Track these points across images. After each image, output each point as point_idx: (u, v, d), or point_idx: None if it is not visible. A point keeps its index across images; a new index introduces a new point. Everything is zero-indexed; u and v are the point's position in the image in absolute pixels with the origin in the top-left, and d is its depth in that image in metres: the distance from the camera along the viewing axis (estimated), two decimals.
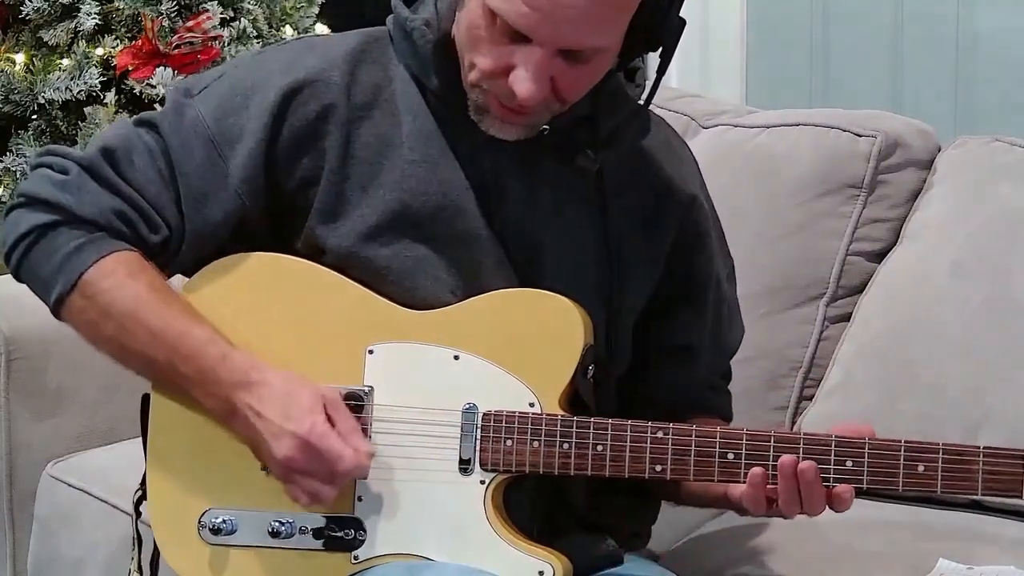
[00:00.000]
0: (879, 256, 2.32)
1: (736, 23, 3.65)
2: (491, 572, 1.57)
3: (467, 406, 1.61)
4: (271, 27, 3.17)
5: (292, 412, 1.56)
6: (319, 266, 1.66)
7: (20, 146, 2.94)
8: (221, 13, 3.01)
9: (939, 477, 1.54)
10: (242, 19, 3.06)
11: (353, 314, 1.64)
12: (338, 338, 1.64)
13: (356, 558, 1.62)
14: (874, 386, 2.16)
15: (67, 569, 2.35)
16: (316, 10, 3.31)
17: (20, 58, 3.01)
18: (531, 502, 1.66)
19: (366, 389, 1.62)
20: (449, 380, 1.61)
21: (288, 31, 3.19)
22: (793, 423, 2.26)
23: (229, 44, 3.02)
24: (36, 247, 1.64)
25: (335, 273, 1.65)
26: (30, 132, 2.97)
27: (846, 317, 2.29)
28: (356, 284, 1.65)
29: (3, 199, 2.93)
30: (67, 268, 1.62)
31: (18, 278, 1.69)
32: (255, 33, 3.09)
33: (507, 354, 1.61)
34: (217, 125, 1.65)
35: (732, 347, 1.87)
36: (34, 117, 2.98)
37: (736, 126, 2.48)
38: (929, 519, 2.06)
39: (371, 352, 1.62)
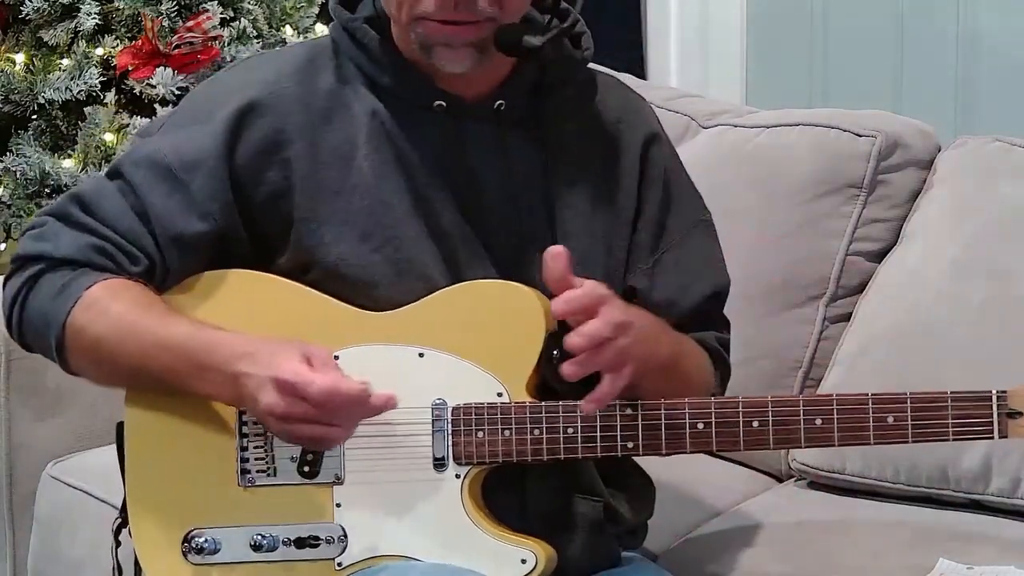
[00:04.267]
0: (879, 256, 2.32)
1: (736, 23, 3.65)
2: (472, 569, 1.58)
3: (436, 402, 1.62)
4: (271, 27, 3.17)
5: (274, 361, 1.54)
6: (278, 278, 1.67)
7: (20, 146, 2.94)
8: (221, 13, 3.00)
9: (909, 426, 1.56)
10: (242, 19, 3.06)
11: (316, 322, 1.65)
12: None
13: (340, 564, 1.63)
14: (874, 386, 2.15)
15: (67, 569, 2.35)
16: (316, 10, 3.30)
17: (20, 58, 3.01)
18: (527, 500, 1.67)
19: None
20: (416, 378, 1.62)
21: (288, 31, 3.19)
22: None
23: (229, 44, 3.01)
24: (27, 304, 1.67)
25: (295, 284, 1.66)
26: (30, 132, 2.96)
27: (846, 317, 2.29)
28: (316, 292, 1.65)
29: (3, 199, 2.93)
30: (56, 311, 1.64)
31: (24, 346, 1.71)
32: (255, 33, 3.08)
33: (471, 347, 1.62)
34: (175, 153, 1.66)
35: (691, 288, 1.78)
36: (34, 117, 2.98)
37: (736, 126, 2.48)
38: (929, 519, 2.06)
39: (337, 358, 1.62)
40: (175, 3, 2.95)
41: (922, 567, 1.85)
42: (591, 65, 1.79)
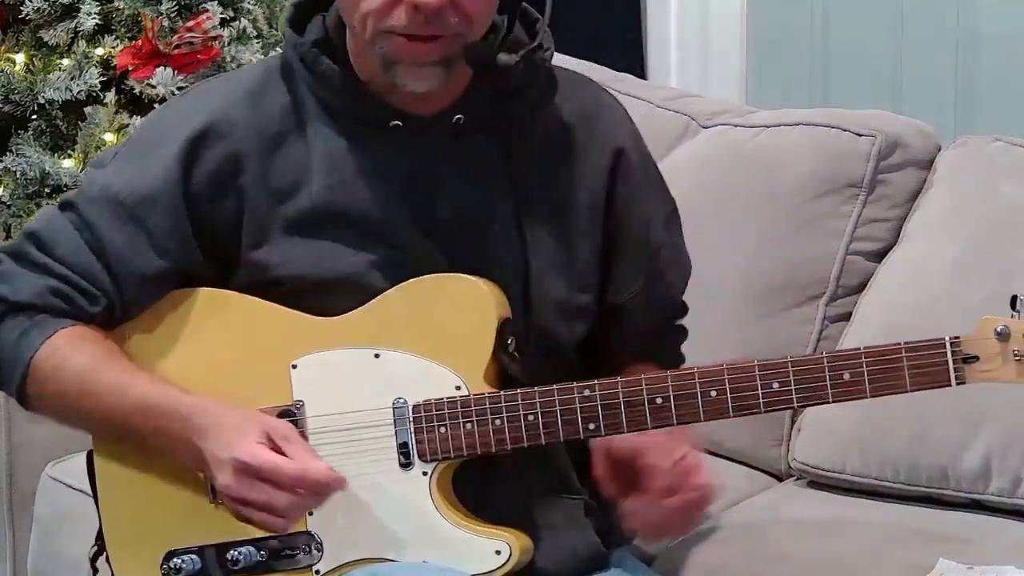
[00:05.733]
0: (879, 256, 2.32)
1: (736, 23, 3.65)
2: (448, 567, 1.58)
3: (396, 401, 1.61)
4: (271, 27, 3.17)
5: (234, 440, 1.55)
6: (229, 292, 1.66)
7: (20, 146, 2.93)
8: (221, 13, 3.00)
9: (866, 381, 1.55)
10: (242, 19, 3.05)
11: (272, 332, 1.65)
12: (261, 359, 1.65)
13: (317, 572, 1.62)
14: None
15: (67, 569, 2.35)
16: None
17: (20, 58, 3.00)
18: (500, 504, 1.66)
19: (297, 404, 1.63)
20: (374, 379, 1.62)
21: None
22: (794, 422, 2.26)
23: (229, 44, 3.01)
24: None
25: (246, 296, 1.66)
26: (30, 132, 2.96)
27: (846, 317, 2.29)
28: (271, 304, 1.65)
29: (3, 199, 2.93)
30: (16, 359, 1.64)
31: None
32: (255, 33, 3.08)
33: (425, 343, 1.62)
34: (128, 189, 1.65)
35: (674, 288, 1.83)
36: (34, 117, 2.98)
37: (736, 126, 2.48)
38: (929, 519, 2.06)
39: (295, 367, 1.63)
40: (175, 3, 2.95)
41: (922, 567, 1.85)
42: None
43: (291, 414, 1.63)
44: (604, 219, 1.72)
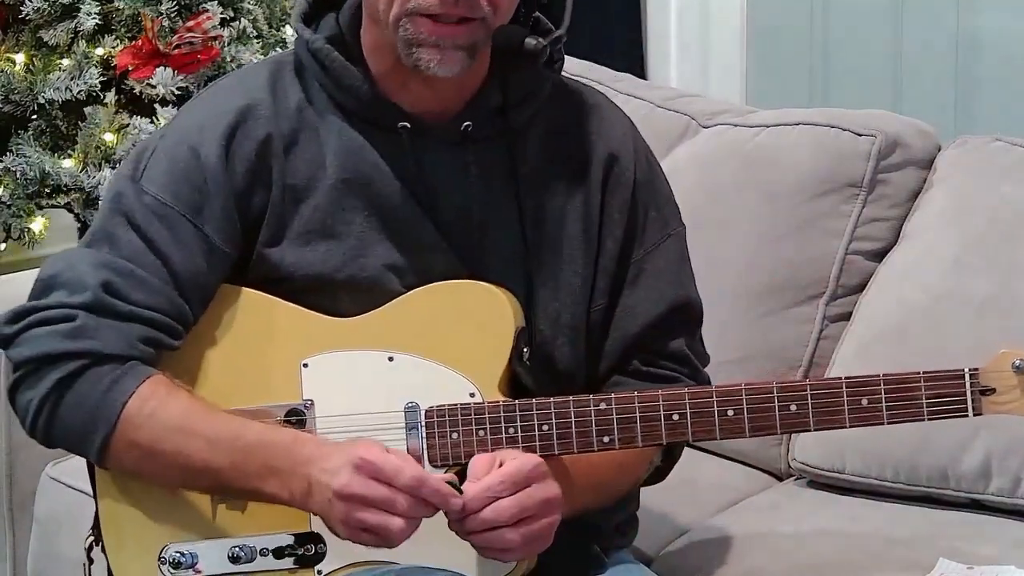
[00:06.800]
0: (879, 255, 2.32)
1: (736, 23, 3.66)
2: (453, 570, 1.57)
3: (408, 405, 1.61)
4: (271, 27, 3.17)
5: (354, 448, 1.52)
6: (244, 288, 1.66)
7: (20, 146, 2.93)
8: (221, 13, 3.00)
9: (884, 408, 1.56)
10: (242, 19, 3.05)
11: (284, 331, 1.65)
12: (272, 356, 1.64)
13: (320, 572, 1.62)
14: None
15: (67, 569, 2.35)
16: None
17: (20, 58, 3.00)
18: None
19: (306, 403, 1.62)
20: (387, 382, 1.62)
21: (288, 31, 3.19)
22: None
23: (229, 44, 3.01)
24: (64, 399, 1.59)
25: (260, 293, 1.65)
26: (30, 132, 2.96)
27: (846, 316, 2.29)
28: (284, 301, 1.65)
29: (3, 199, 2.93)
30: (106, 408, 1.58)
31: (50, 443, 1.64)
32: (255, 33, 3.08)
33: (440, 348, 1.62)
34: (176, 199, 1.63)
35: (640, 315, 1.74)
36: (34, 117, 2.97)
37: (736, 126, 2.47)
38: (929, 519, 2.06)
39: (306, 366, 1.63)
40: (175, 3, 2.95)
41: (922, 567, 1.85)
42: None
43: (299, 413, 1.62)
44: (598, 230, 1.72)
